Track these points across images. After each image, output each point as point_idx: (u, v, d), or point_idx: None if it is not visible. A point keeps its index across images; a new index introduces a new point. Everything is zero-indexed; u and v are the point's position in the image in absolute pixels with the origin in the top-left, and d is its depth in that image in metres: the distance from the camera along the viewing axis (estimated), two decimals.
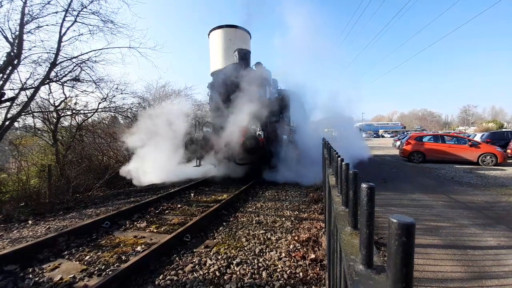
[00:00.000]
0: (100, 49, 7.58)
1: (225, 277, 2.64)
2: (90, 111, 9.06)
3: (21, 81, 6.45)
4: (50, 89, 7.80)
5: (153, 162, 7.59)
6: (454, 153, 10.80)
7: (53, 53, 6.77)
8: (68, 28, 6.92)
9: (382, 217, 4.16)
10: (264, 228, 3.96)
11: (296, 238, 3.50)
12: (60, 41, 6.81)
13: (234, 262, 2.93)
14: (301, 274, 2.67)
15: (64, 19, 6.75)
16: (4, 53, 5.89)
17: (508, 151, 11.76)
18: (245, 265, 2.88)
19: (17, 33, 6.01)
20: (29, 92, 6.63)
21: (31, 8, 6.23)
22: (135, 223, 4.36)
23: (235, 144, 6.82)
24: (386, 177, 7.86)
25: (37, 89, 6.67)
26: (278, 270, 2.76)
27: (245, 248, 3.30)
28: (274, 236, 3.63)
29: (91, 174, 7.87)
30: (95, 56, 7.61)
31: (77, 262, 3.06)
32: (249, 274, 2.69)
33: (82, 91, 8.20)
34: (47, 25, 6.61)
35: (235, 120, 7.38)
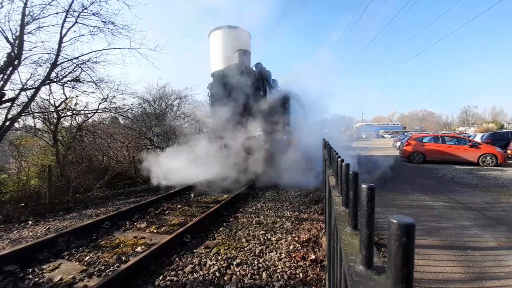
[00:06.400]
0: (100, 50, 7.58)
1: (225, 278, 2.64)
2: (90, 112, 9.07)
3: (21, 81, 6.45)
4: (50, 89, 7.80)
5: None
6: (454, 154, 10.80)
7: (54, 54, 6.77)
8: (68, 29, 6.91)
9: (382, 218, 4.15)
10: (264, 228, 3.95)
11: (296, 238, 3.49)
12: (60, 41, 6.81)
13: (234, 262, 2.93)
14: (301, 274, 2.66)
15: (64, 20, 6.75)
16: (5, 54, 5.90)
17: (508, 151, 11.76)
18: (245, 265, 2.87)
19: (18, 33, 6.01)
20: (29, 93, 6.63)
21: (32, 9, 6.23)
22: (135, 223, 4.36)
23: (236, 144, 6.82)
24: (386, 178, 7.85)
25: (37, 89, 6.66)
26: (278, 270, 2.76)
27: (245, 248, 3.30)
28: (274, 237, 3.63)
29: (91, 174, 7.87)
30: (96, 57, 7.61)
31: (77, 263, 3.06)
32: (249, 275, 2.68)
33: (82, 92, 8.19)
34: (47, 26, 6.60)
35: (236, 121, 7.39)
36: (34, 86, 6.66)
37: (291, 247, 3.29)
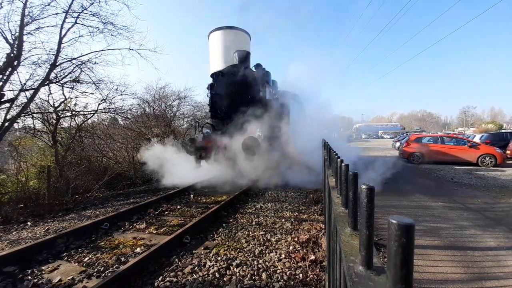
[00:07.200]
0: (100, 51, 7.58)
1: (225, 279, 2.64)
2: (89, 112, 9.05)
3: (20, 82, 6.44)
4: (49, 90, 7.79)
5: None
6: (453, 154, 10.82)
7: (53, 55, 6.77)
8: (68, 30, 6.92)
9: (382, 218, 4.15)
10: (263, 229, 3.95)
11: (296, 239, 3.49)
12: (60, 42, 6.80)
13: (234, 263, 2.92)
14: (301, 275, 2.66)
15: (64, 21, 6.75)
16: (4, 54, 5.90)
17: (507, 152, 11.79)
18: (244, 266, 2.87)
19: (17, 34, 6.01)
20: (28, 93, 6.63)
21: (31, 9, 6.23)
22: (135, 224, 4.36)
23: (235, 145, 6.82)
24: (385, 178, 7.85)
25: (36, 90, 6.66)
26: (278, 271, 2.75)
27: (245, 249, 3.29)
28: (274, 237, 3.62)
29: (91, 175, 7.86)
30: (95, 58, 7.61)
31: (76, 264, 3.05)
32: (248, 276, 2.68)
33: (81, 92, 8.19)
34: (47, 26, 6.61)
35: (235, 122, 7.38)
36: (33, 87, 6.65)
37: (291, 247, 3.29)
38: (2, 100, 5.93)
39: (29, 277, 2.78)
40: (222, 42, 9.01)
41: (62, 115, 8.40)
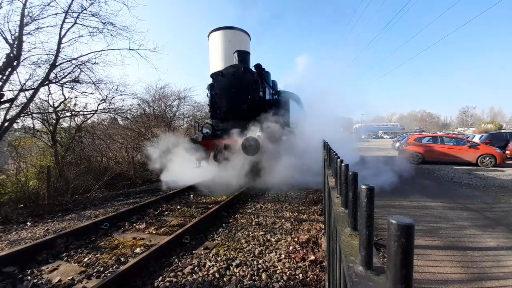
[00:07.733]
0: (99, 51, 7.58)
1: (225, 279, 2.63)
2: (89, 112, 9.06)
3: (20, 82, 6.44)
4: (49, 90, 7.79)
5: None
6: (453, 154, 10.83)
7: (53, 55, 6.76)
8: (68, 30, 6.91)
9: (382, 218, 4.15)
10: (263, 229, 3.95)
11: (295, 239, 3.49)
12: (59, 42, 6.80)
13: (234, 263, 2.92)
14: (300, 275, 2.66)
15: (64, 21, 6.75)
16: (4, 55, 5.90)
17: (507, 152, 11.80)
18: (244, 266, 2.87)
19: (17, 34, 6.01)
20: (28, 94, 6.62)
21: (31, 9, 6.23)
22: (134, 224, 4.35)
23: (235, 145, 6.82)
24: (385, 178, 7.84)
25: (36, 90, 6.65)
26: (278, 271, 2.75)
27: (245, 249, 3.29)
28: (274, 238, 3.62)
29: (90, 175, 7.85)
30: (95, 58, 7.61)
31: (76, 264, 3.05)
32: (248, 276, 2.68)
33: (81, 93, 8.20)
34: (47, 26, 6.61)
35: (235, 122, 7.38)
36: (33, 87, 6.65)
37: (291, 247, 3.29)
38: (2, 100, 5.92)
39: (29, 277, 2.78)
40: (222, 42, 9.03)
41: (61, 115, 8.40)
